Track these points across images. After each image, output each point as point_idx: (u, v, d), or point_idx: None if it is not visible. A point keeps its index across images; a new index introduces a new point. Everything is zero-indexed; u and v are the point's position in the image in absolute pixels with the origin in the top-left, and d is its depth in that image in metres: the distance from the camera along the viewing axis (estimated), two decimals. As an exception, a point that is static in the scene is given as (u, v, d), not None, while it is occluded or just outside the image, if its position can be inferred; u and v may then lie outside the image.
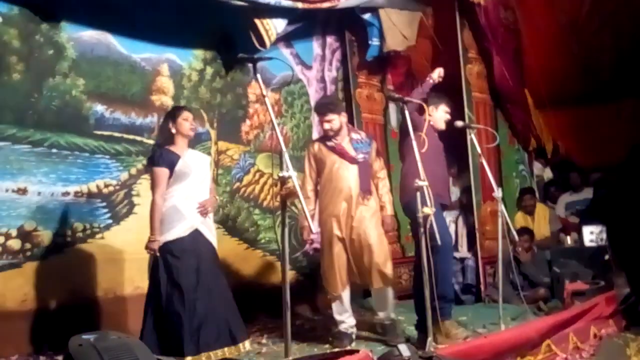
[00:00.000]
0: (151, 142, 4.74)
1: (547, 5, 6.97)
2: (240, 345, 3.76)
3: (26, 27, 4.59)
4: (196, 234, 3.79)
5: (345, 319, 4.40)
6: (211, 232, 3.91)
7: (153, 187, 3.85)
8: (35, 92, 4.61)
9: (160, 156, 3.84)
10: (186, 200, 3.80)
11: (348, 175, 4.30)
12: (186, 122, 3.92)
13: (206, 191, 3.94)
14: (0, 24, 4.48)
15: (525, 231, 5.81)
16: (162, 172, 3.80)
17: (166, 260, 3.72)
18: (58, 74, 4.73)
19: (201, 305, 3.67)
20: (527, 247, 5.69)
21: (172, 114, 3.96)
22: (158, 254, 3.72)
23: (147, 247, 3.76)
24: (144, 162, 4.61)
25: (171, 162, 3.82)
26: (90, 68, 4.91)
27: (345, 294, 4.40)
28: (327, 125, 4.37)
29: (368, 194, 4.34)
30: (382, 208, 4.45)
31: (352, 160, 4.33)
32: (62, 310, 4.44)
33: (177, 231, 3.75)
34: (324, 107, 4.45)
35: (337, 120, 4.37)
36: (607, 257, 5.16)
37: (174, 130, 3.89)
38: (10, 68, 4.51)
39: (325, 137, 4.44)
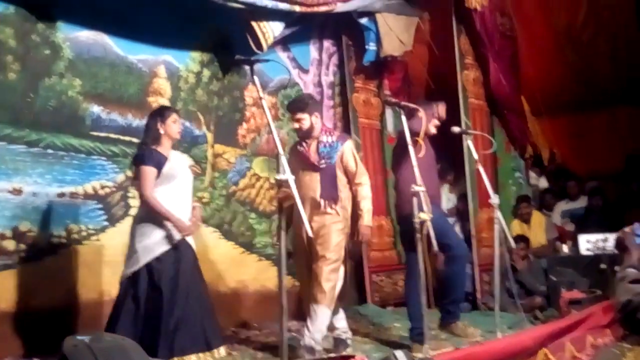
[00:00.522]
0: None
1: (543, 12, 7.01)
2: (215, 351, 3.74)
3: (22, 27, 4.55)
4: (179, 239, 3.77)
5: (338, 324, 4.28)
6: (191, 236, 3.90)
7: (141, 185, 3.77)
8: (31, 92, 4.58)
9: (149, 155, 3.79)
10: (170, 203, 3.77)
11: (309, 182, 4.09)
12: (174, 125, 3.90)
13: (189, 195, 3.92)
14: (-4, 22, 4.45)
15: (521, 239, 5.81)
16: (151, 171, 3.75)
17: (148, 264, 3.70)
18: (54, 74, 4.70)
19: (178, 309, 3.66)
20: (523, 255, 5.69)
21: (161, 115, 3.90)
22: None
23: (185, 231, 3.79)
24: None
25: (159, 163, 3.79)
26: (87, 69, 4.88)
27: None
28: (296, 125, 4.17)
29: (332, 202, 4.09)
30: (359, 217, 4.18)
31: (313, 167, 4.10)
32: (56, 312, 4.39)
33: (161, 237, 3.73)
34: (294, 106, 4.25)
35: (307, 120, 4.13)
36: (603, 265, 5.17)
37: (162, 131, 3.85)
38: (6, 67, 4.47)
39: (300, 140, 4.25)
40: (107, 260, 4.68)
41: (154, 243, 3.72)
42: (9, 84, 4.48)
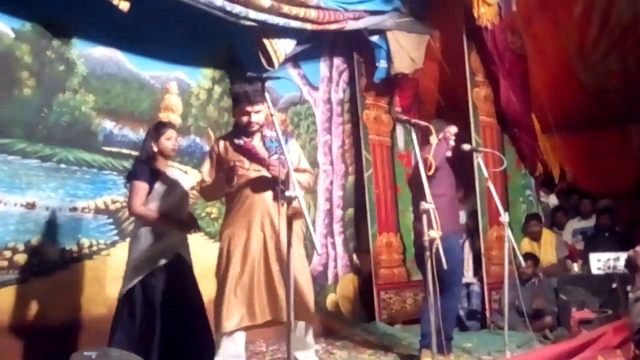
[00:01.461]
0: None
1: (554, 31, 7.02)
2: None
3: (38, 43, 4.62)
4: (177, 256, 3.81)
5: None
6: (188, 250, 3.93)
7: (130, 199, 3.86)
8: (45, 108, 4.64)
9: (141, 171, 3.88)
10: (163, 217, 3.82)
11: (258, 181, 3.53)
12: (169, 141, 3.94)
13: (185, 209, 3.94)
14: (13, 39, 4.51)
15: (529, 257, 5.76)
16: (141, 186, 3.83)
17: (143, 280, 3.75)
18: (68, 89, 4.76)
19: (172, 324, 3.68)
20: (530, 274, 5.62)
21: (156, 131, 3.96)
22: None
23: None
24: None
25: (151, 179, 3.86)
26: (100, 85, 4.94)
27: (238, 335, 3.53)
28: (254, 118, 3.54)
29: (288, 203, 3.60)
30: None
31: (261, 163, 3.54)
32: (66, 327, 4.41)
33: (158, 254, 3.78)
34: (256, 95, 3.49)
35: (263, 112, 3.57)
36: (615, 285, 5.12)
37: (155, 148, 3.91)
38: (21, 83, 4.54)
39: (233, 134, 3.65)
40: (117, 275, 4.65)
41: (147, 259, 3.77)
42: (24, 100, 4.54)
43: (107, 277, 4.70)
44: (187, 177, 4.28)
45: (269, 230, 3.50)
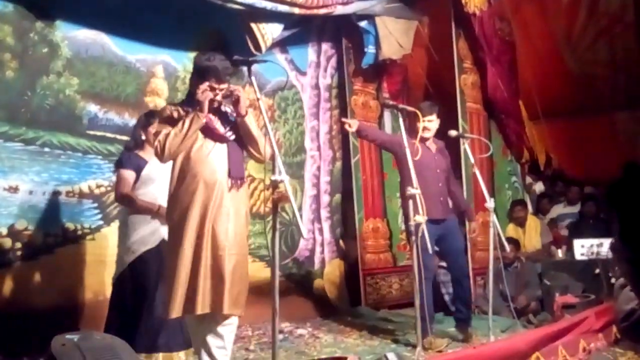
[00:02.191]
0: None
1: (542, 17, 7.01)
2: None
3: (21, 25, 4.57)
4: (162, 242, 3.79)
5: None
6: None
7: (116, 187, 3.94)
8: (29, 90, 4.59)
9: (128, 159, 3.92)
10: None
11: (212, 158, 3.24)
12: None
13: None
14: (-6, 20, 4.46)
15: (510, 241, 5.73)
16: (128, 174, 3.88)
17: (132, 263, 3.78)
18: (52, 72, 4.71)
19: (158, 308, 3.67)
20: (512, 258, 5.63)
21: (145, 120, 3.98)
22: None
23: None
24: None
25: (138, 167, 3.89)
26: (85, 68, 4.89)
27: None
28: (218, 96, 3.28)
29: (240, 181, 3.31)
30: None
31: (221, 139, 3.29)
32: (50, 311, 4.38)
33: (145, 239, 3.78)
34: (226, 72, 3.33)
35: (225, 91, 3.31)
36: (597, 270, 5.17)
37: (143, 137, 3.92)
38: (4, 65, 4.49)
39: (188, 105, 3.31)
40: (102, 259, 4.69)
41: (134, 242, 3.80)
42: (7, 82, 4.49)
43: (92, 262, 4.69)
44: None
45: (221, 213, 3.20)
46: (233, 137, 3.31)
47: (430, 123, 4.58)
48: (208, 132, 3.26)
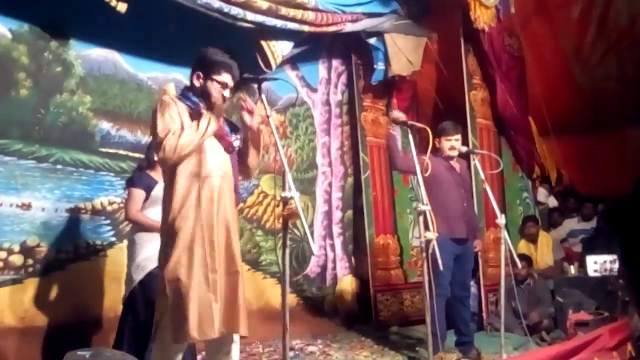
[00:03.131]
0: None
1: (551, 33, 7.02)
2: None
3: (35, 44, 4.63)
4: None
5: None
6: None
7: (126, 206, 3.99)
8: (42, 109, 4.64)
9: (138, 178, 3.99)
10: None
11: (220, 167, 3.04)
12: None
13: None
14: (10, 40, 4.53)
15: (522, 258, 5.72)
16: (139, 193, 3.94)
17: (142, 281, 3.81)
18: (65, 90, 4.77)
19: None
20: (525, 274, 5.60)
21: None
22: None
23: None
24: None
25: (148, 186, 3.94)
26: (97, 85, 4.94)
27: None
28: (227, 92, 3.14)
29: (238, 198, 3.21)
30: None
31: (229, 147, 3.11)
32: (62, 327, 4.41)
33: (153, 256, 3.65)
34: (238, 69, 3.21)
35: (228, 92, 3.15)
36: (611, 287, 5.12)
37: (155, 158, 3.94)
38: (19, 84, 4.54)
39: (186, 98, 3.11)
40: (114, 276, 4.70)
41: (143, 260, 3.82)
42: (21, 101, 4.55)
43: (103, 278, 4.70)
44: None
45: (231, 229, 3.02)
46: (238, 147, 3.19)
47: (457, 142, 4.64)
48: (218, 135, 3.06)
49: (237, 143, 3.18)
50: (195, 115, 3.03)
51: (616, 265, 5.30)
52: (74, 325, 4.47)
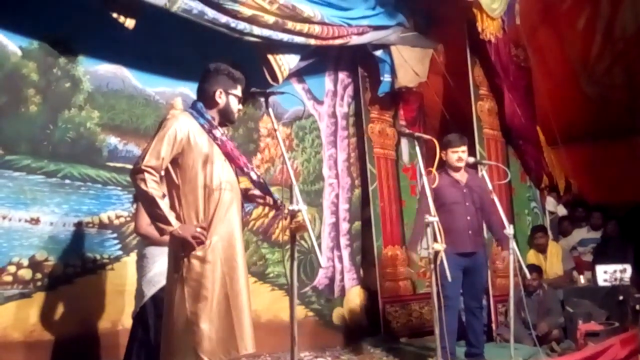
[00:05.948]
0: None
1: (558, 43, 7.03)
2: None
3: (45, 61, 4.68)
4: None
5: None
6: None
7: (137, 220, 3.93)
8: (51, 124, 4.68)
9: None
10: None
11: (229, 180, 3.10)
12: None
13: None
14: (20, 57, 4.58)
15: (533, 268, 5.70)
16: None
17: (154, 296, 3.79)
18: (74, 106, 4.81)
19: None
20: (536, 285, 5.58)
21: None
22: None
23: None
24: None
25: None
26: (105, 101, 4.98)
27: None
28: (239, 106, 3.21)
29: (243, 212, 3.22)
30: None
31: (241, 169, 3.16)
32: (70, 341, 4.42)
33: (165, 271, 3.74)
34: (245, 83, 3.25)
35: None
36: (621, 297, 5.08)
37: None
38: (28, 100, 4.59)
39: (209, 124, 3.10)
40: (121, 289, 4.71)
41: (155, 275, 3.81)
42: (30, 116, 4.59)
43: (111, 292, 4.72)
44: None
45: (240, 245, 3.03)
46: (248, 169, 3.21)
47: (463, 154, 4.66)
48: (231, 156, 3.10)
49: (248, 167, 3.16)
50: (211, 134, 3.05)
51: (627, 275, 5.26)
52: (82, 338, 4.48)
